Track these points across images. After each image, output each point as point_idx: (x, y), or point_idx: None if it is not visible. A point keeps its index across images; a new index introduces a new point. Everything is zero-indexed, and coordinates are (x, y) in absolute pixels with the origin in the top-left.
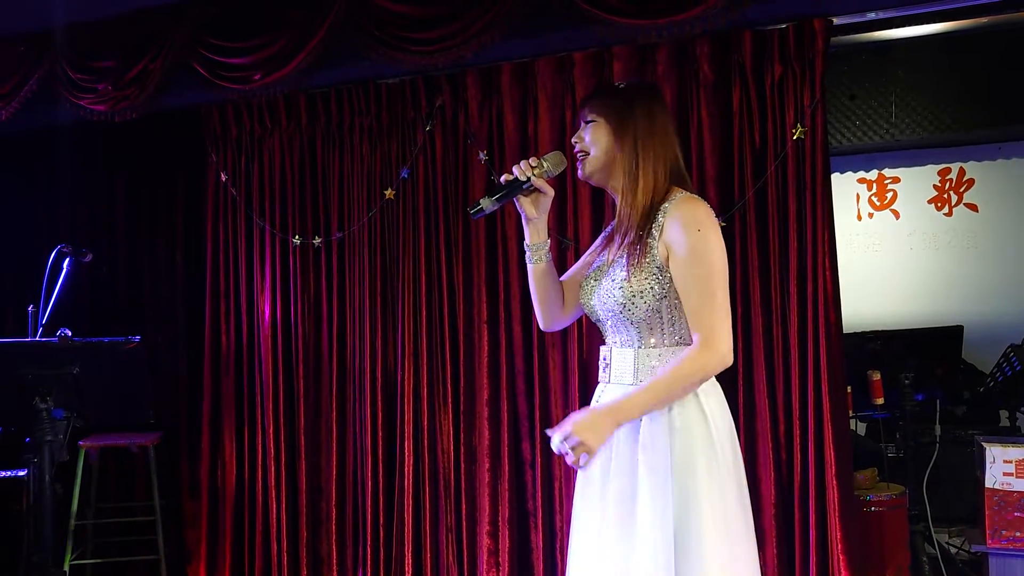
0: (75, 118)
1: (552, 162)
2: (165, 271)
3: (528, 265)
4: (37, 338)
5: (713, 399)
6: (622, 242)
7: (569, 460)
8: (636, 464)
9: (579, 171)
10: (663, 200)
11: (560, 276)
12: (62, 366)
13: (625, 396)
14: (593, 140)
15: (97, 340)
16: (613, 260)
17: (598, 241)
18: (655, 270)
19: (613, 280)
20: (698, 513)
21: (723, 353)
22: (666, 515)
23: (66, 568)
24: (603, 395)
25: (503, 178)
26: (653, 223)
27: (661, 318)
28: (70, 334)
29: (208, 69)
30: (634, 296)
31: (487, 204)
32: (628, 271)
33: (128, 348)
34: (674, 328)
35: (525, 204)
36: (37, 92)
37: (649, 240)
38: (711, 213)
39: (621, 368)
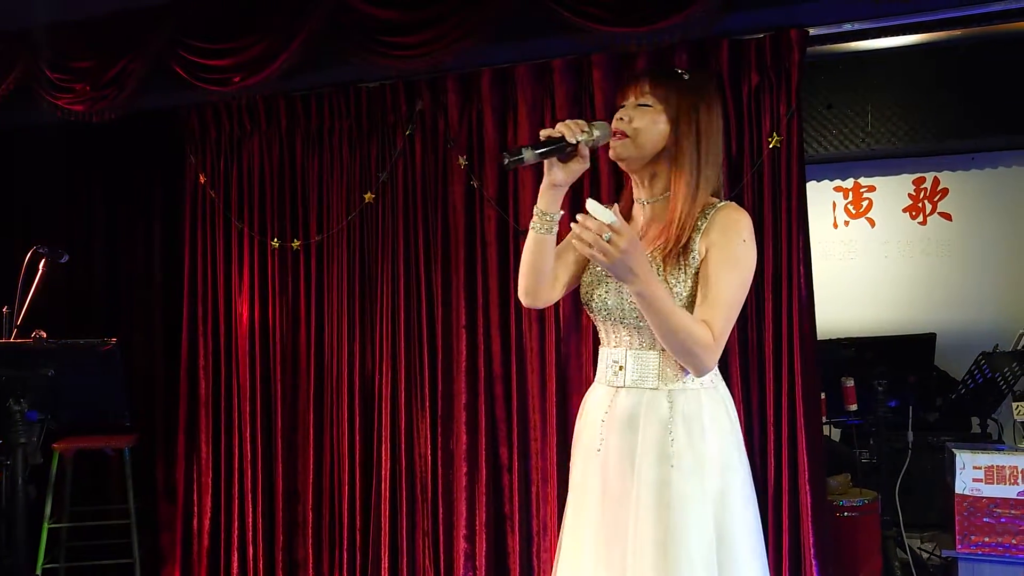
0: (53, 118)
1: (601, 131)
2: (142, 272)
3: (531, 233)
4: (11, 339)
5: (729, 399)
6: (668, 243)
7: (587, 237)
8: (669, 470)
9: (611, 150)
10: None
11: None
12: (37, 367)
13: (658, 284)
14: (643, 127)
15: (72, 341)
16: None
17: None
18: (692, 272)
19: None
20: (732, 514)
21: (717, 351)
22: (705, 520)
23: (39, 572)
24: (616, 399)
25: (543, 133)
26: (696, 225)
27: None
28: (45, 335)
29: (187, 70)
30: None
31: (529, 156)
32: (668, 272)
33: (104, 350)
34: None
35: (558, 168)
36: (14, 91)
37: (689, 242)
38: (753, 230)
39: (642, 372)
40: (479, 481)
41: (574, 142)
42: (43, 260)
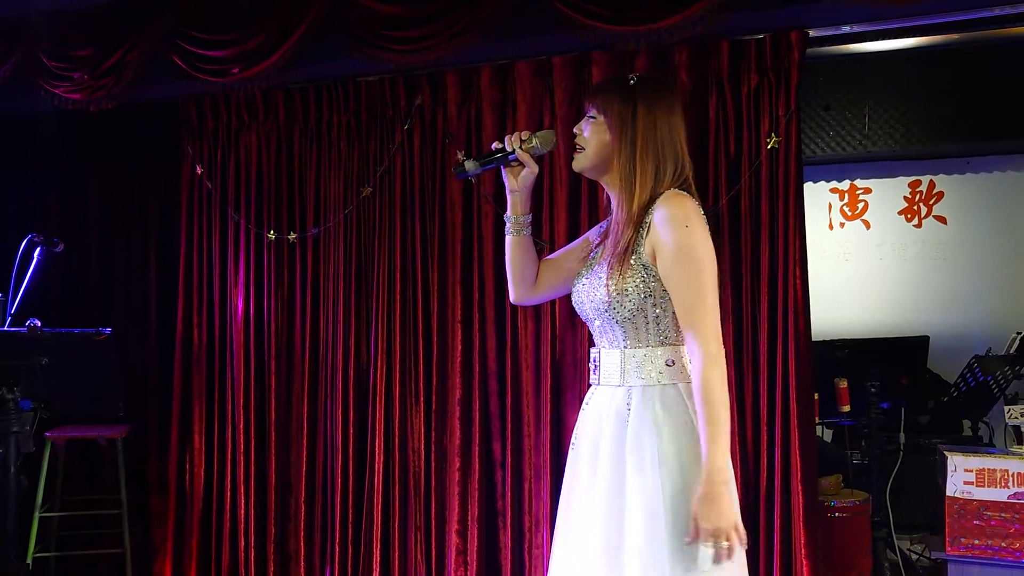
0: (50, 107)
1: (542, 139)
2: (138, 263)
3: (506, 236)
4: (6, 327)
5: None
6: (614, 244)
7: (727, 552)
8: (624, 465)
9: (573, 162)
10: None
11: (549, 255)
12: (30, 356)
13: (704, 461)
14: (589, 139)
15: (67, 331)
16: (601, 258)
17: (593, 233)
18: (640, 268)
19: (599, 278)
20: (688, 511)
21: (717, 352)
22: (656, 513)
23: (29, 561)
24: (593, 397)
25: (493, 146)
26: (641, 222)
27: (646, 317)
28: (39, 324)
29: (186, 61)
30: (619, 295)
31: (470, 166)
32: (612, 270)
33: (98, 340)
34: (658, 327)
35: (508, 175)
36: (11, 79)
37: (636, 239)
38: (698, 209)
39: (609, 369)
40: (472, 476)
41: (511, 150)
42: (38, 249)
